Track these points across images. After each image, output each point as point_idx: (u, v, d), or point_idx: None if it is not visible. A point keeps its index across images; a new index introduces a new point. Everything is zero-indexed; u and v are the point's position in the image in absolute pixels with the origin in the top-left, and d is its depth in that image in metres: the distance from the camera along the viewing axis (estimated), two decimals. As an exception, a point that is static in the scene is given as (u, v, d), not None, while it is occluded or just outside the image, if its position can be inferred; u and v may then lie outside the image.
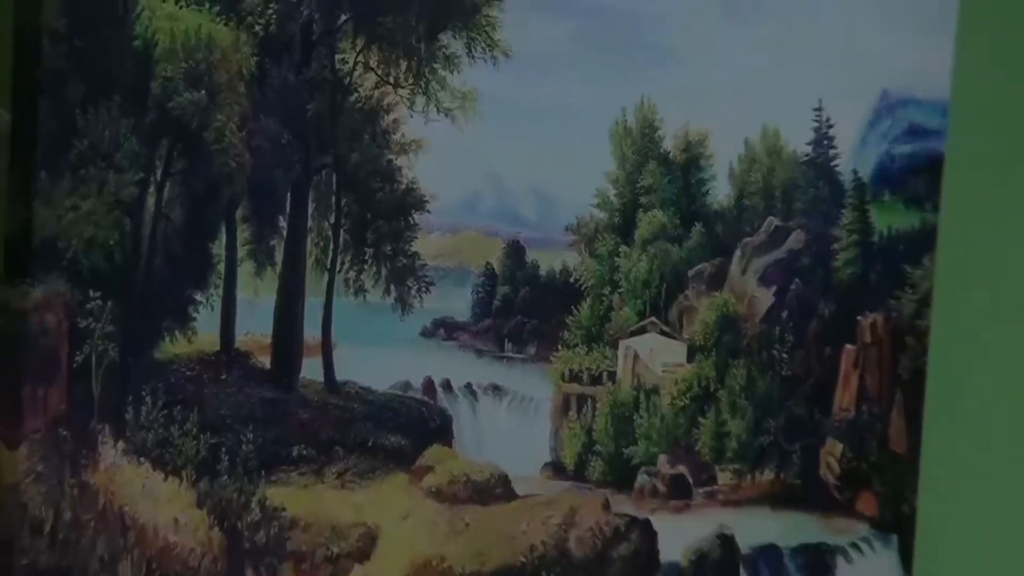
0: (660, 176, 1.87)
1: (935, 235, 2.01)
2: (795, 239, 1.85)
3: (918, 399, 1.86)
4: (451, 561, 1.89)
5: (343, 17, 1.82)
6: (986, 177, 2.46)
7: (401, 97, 1.80)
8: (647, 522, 1.84)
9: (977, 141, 2.46)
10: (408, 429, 1.81)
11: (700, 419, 1.87)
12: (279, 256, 1.74)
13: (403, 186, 1.78)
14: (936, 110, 2.00)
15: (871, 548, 1.92)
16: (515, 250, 1.86)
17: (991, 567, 2.52)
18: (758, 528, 2.00)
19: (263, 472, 1.79)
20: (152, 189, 1.70)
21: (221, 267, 1.70)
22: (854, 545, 1.97)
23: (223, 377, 1.77)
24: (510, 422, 1.89)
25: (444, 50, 1.78)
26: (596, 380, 1.73)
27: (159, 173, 1.72)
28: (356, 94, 1.76)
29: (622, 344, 1.76)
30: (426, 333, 1.81)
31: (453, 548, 1.89)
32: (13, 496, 1.81)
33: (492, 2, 1.81)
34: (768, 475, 1.97)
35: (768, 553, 2.00)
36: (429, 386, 1.75)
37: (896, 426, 1.89)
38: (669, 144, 1.93)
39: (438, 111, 1.77)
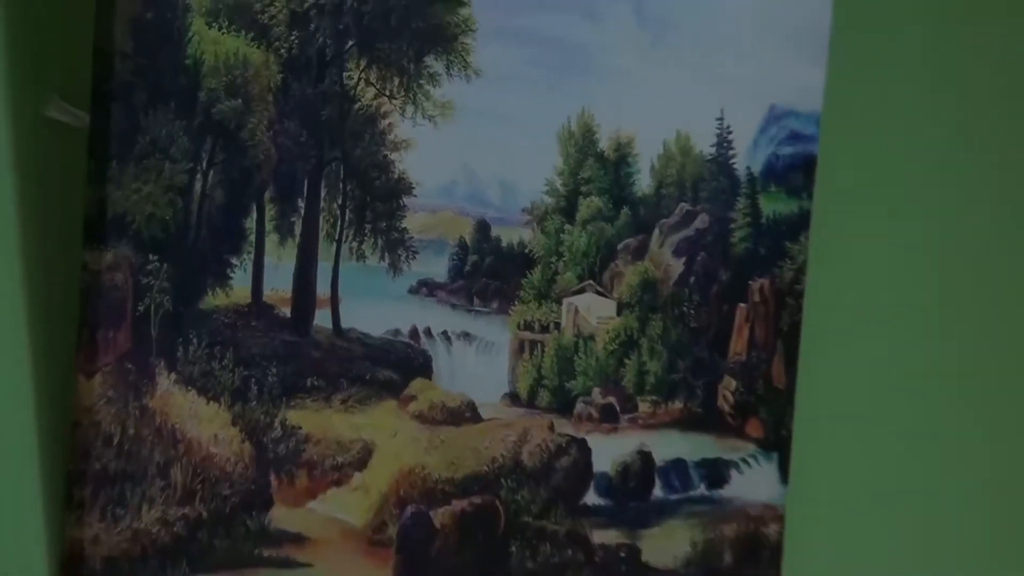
0: (596, 170, 1.91)
1: (809, 218, 2.02)
2: (701, 220, 1.97)
3: (795, 346, 1.97)
4: (430, 469, 1.88)
5: (350, 43, 1.84)
6: (849, 174, 2.19)
7: (394, 106, 1.76)
8: (583, 441, 1.88)
9: (843, 145, 2.28)
10: (397, 366, 1.79)
11: (625, 360, 1.90)
12: (298, 230, 1.74)
13: (395, 176, 1.77)
14: (811, 120, 1.97)
15: (756, 462, 1.98)
16: (482, 227, 1.83)
17: (849, 477, 2.17)
18: (669, 446, 1.95)
19: (283, 398, 1.76)
20: (199, 176, 1.71)
21: (252, 238, 1.71)
22: (743, 460, 1.97)
23: (253, 324, 1.76)
24: (477, 361, 1.86)
25: (428, 69, 1.77)
26: (545, 329, 1.83)
27: (204, 164, 1.73)
28: (359, 103, 1.75)
29: (565, 301, 1.85)
30: (412, 291, 1.79)
31: (431, 459, 1.87)
32: (89, 415, 1.82)
33: (467, 32, 1.82)
34: (678, 405, 1.94)
35: (677, 465, 1.95)
36: (414, 332, 1.79)
37: (777, 367, 1.98)
38: (604, 145, 1.89)
39: (423, 117, 1.76)
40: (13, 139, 1.66)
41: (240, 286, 1.65)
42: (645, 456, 1.85)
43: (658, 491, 1.89)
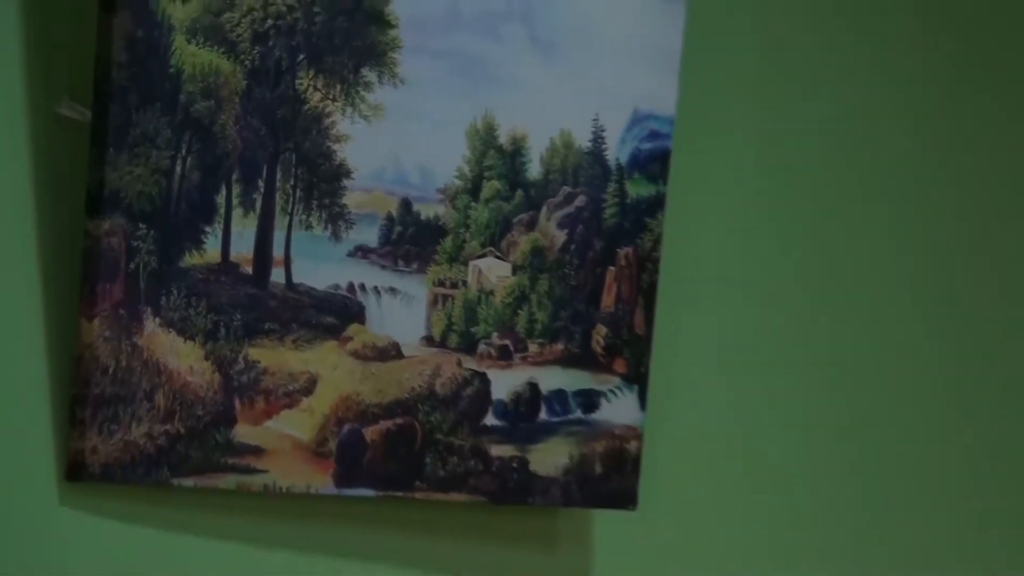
0: (496, 160, 1.94)
1: (664, 200, 2.09)
2: (579, 200, 2.03)
3: (652, 301, 2.05)
4: (362, 396, 1.88)
5: (301, 57, 1.79)
6: (696, 164, 2.24)
7: (336, 107, 1.83)
8: (484, 374, 1.94)
9: (691, 141, 2.21)
10: (337, 313, 1.87)
11: (518, 311, 1.97)
12: (258, 205, 1.80)
13: (336, 163, 1.83)
14: (667, 122, 2.03)
15: (621, 392, 2.04)
16: (405, 204, 1.89)
17: (694, 404, 2.28)
18: (552, 379, 2.02)
19: (246, 339, 1.80)
20: (179, 161, 1.75)
21: (221, 211, 1.78)
22: (611, 391, 2.04)
23: (222, 279, 1.79)
24: (401, 310, 1.91)
25: (364, 79, 1.84)
26: (454, 285, 1.91)
27: (183, 152, 1.75)
28: (308, 105, 1.81)
29: (471, 263, 1.93)
30: (350, 254, 1.86)
31: (363, 388, 1.88)
32: (90, 351, 1.72)
33: (395, 49, 1.84)
34: (559, 346, 2.00)
35: (558, 394, 2.03)
36: (351, 287, 1.86)
37: (638, 317, 2.04)
38: (503, 139, 1.95)
39: (359, 116, 1.83)
40: (30, 130, 1.71)
41: (212, 249, 1.73)
42: (533, 387, 1.95)
43: (543, 415, 1.97)
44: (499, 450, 1.92)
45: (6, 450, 1.68)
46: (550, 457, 1.96)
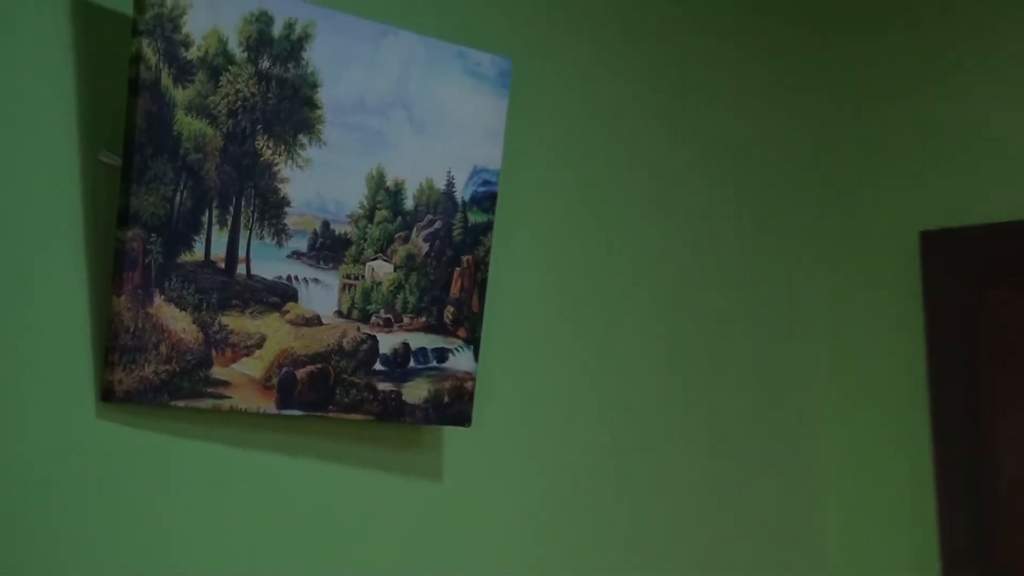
0: (384, 196, 2.13)
1: (492, 224, 2.28)
2: (437, 224, 2.21)
3: (484, 290, 2.25)
4: (295, 349, 2.07)
5: (259, 126, 2.00)
6: (512, 201, 2.39)
7: (281, 160, 2.03)
8: (374, 337, 2.16)
9: (510, 187, 2.36)
10: (280, 295, 2.07)
11: (397, 295, 2.15)
12: (229, 223, 2.00)
13: (280, 196, 2.04)
14: (495, 173, 2.28)
15: (462, 350, 2.24)
16: (325, 224, 2.07)
17: (510, 359, 2.41)
18: (418, 340, 2.22)
19: (219, 310, 2.00)
20: (179, 193, 1.94)
21: (206, 226, 1.98)
22: (456, 349, 2.25)
23: (204, 270, 1.98)
24: (321, 293, 2.09)
25: (299, 141, 2.06)
26: (356, 278, 2.10)
27: (181, 186, 1.95)
28: (263, 158, 2.02)
29: (367, 264, 2.11)
30: (288, 256, 2.04)
31: (296, 344, 2.08)
32: (118, 317, 1.90)
33: (321, 123, 2.07)
34: (423, 319, 2.20)
35: (422, 350, 2.22)
36: (289, 278, 2.05)
37: (474, 301, 2.24)
38: (389, 183, 2.16)
39: (296, 167, 2.05)
40: (82, 170, 1.92)
41: (198, 251, 1.95)
42: (405, 346, 2.17)
43: (412, 363, 2.19)
44: (383, 386, 2.14)
45: (63, 382, 1.86)
46: (416, 391, 2.19)
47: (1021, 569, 3.02)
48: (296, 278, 2.04)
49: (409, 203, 2.17)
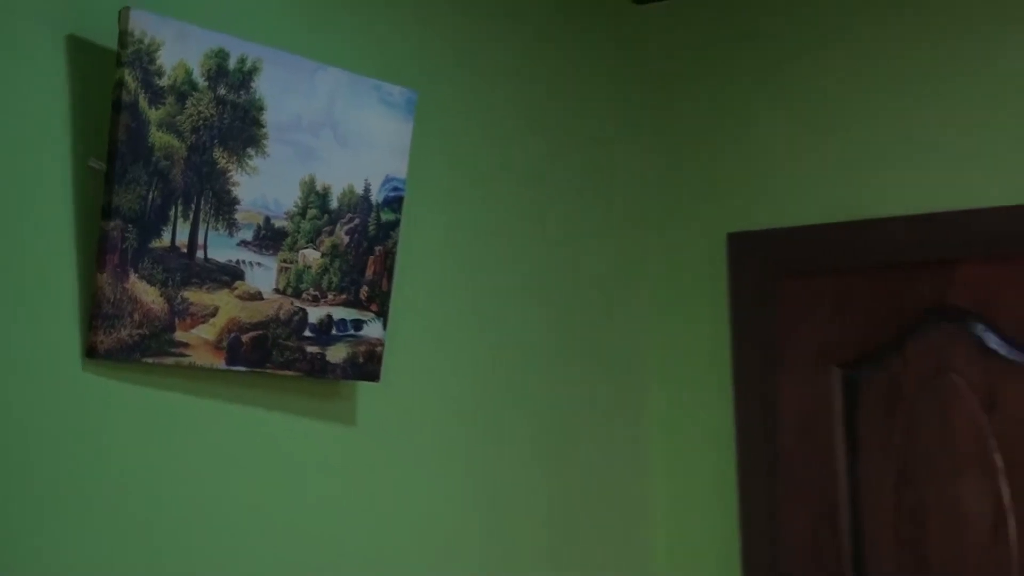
0: (315, 199, 2.16)
1: (400, 222, 2.31)
2: (356, 221, 2.24)
3: (392, 273, 2.27)
4: (241, 318, 2.07)
5: (216, 140, 2.02)
6: (416, 203, 2.44)
7: (233, 168, 2.06)
8: (304, 310, 2.16)
9: (416, 192, 2.41)
10: (230, 275, 2.08)
11: (323, 276, 2.18)
12: (191, 216, 2.01)
13: (232, 196, 2.06)
14: (403, 182, 2.30)
15: (374, 321, 2.26)
16: (267, 220, 2.08)
17: (412, 330, 2.46)
18: (340, 313, 2.25)
19: (181, 286, 1.99)
20: (151, 192, 1.96)
21: (172, 219, 1.99)
22: (369, 320, 2.26)
23: (170, 254, 1.98)
24: (263, 274, 2.12)
25: (248, 153, 2.08)
26: (291, 262, 2.13)
27: (153, 187, 1.96)
28: (219, 166, 2.04)
29: (300, 252, 2.14)
30: (238, 244, 2.07)
31: (242, 314, 2.08)
32: (101, 290, 1.90)
33: (265, 139, 2.11)
34: (344, 296, 2.24)
35: (342, 321, 2.25)
36: (238, 262, 2.08)
37: (384, 282, 2.27)
38: (319, 187, 2.18)
39: (245, 173, 2.07)
40: (74, 173, 1.94)
41: (166, 238, 1.97)
42: (329, 317, 2.21)
43: (334, 331, 2.24)
44: (311, 349, 2.20)
45: (56, 341, 1.89)
46: (337, 353, 2.25)
47: (803, 539, 3.00)
48: (243, 262, 2.09)
49: (334, 204, 2.20)
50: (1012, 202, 2.76)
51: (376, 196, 2.24)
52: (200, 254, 2.00)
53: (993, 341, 2.80)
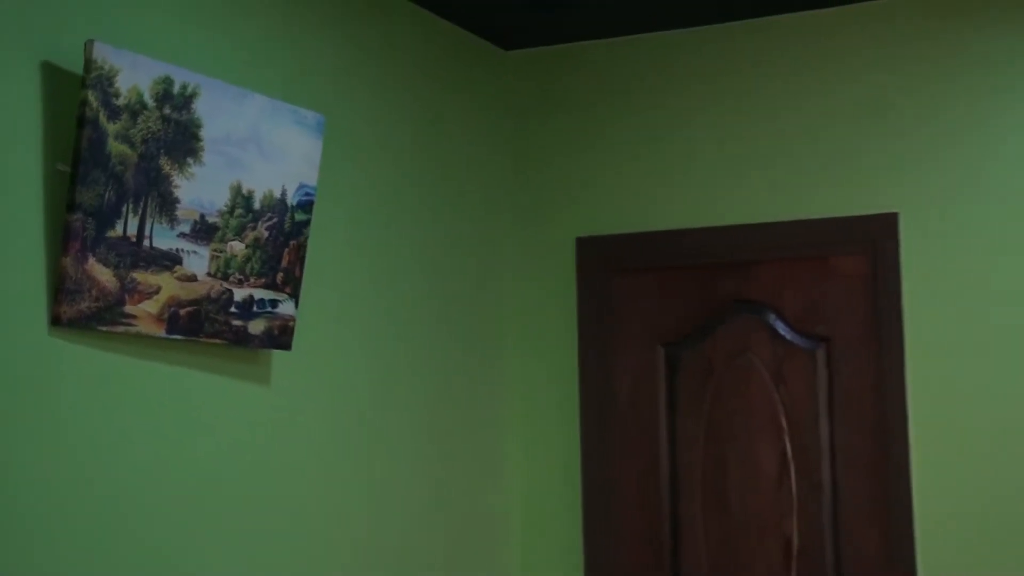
0: (241, 200, 2.19)
1: (310, 222, 2.31)
2: (275, 220, 2.24)
3: (303, 264, 2.30)
4: (180, 296, 2.08)
5: (162, 150, 2.03)
6: (325, 206, 2.44)
7: (176, 173, 2.07)
8: (231, 290, 2.18)
9: (323, 198, 2.41)
10: (171, 260, 2.09)
11: (246, 264, 2.20)
12: (140, 212, 2.02)
13: (174, 197, 2.08)
14: (313, 188, 2.32)
15: (287, 301, 2.29)
16: (203, 216, 2.11)
17: (319, 307, 2.44)
18: (260, 294, 2.23)
19: (131, 268, 1.98)
20: (107, 191, 1.97)
21: (124, 213, 2.01)
22: (283, 300, 2.28)
23: (122, 241, 1.99)
24: (198, 261, 2.13)
25: (188, 162, 2.09)
26: (221, 252, 2.15)
27: (110, 188, 1.97)
28: (163, 171, 2.04)
29: (228, 243, 2.16)
30: (178, 236, 2.08)
31: (181, 292, 2.08)
32: (65, 270, 1.89)
33: (202, 151, 2.12)
34: (263, 280, 2.25)
35: (261, 300, 2.22)
36: (178, 250, 2.09)
37: (297, 270, 2.29)
38: (245, 191, 2.19)
39: (184, 178, 2.09)
40: (45, 175, 1.95)
41: (119, 229, 1.99)
42: (251, 297, 2.24)
43: (255, 309, 2.27)
44: (235, 322, 2.22)
45: (26, 311, 1.91)
46: (256, 326, 2.27)
47: (631, 484, 3.06)
48: (182, 250, 2.10)
49: (257, 205, 2.22)
50: (794, 218, 2.94)
51: (291, 199, 2.28)
52: (147, 243, 2.02)
53: (781, 328, 2.95)
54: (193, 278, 2.13)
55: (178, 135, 2.07)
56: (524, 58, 3.24)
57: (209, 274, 2.15)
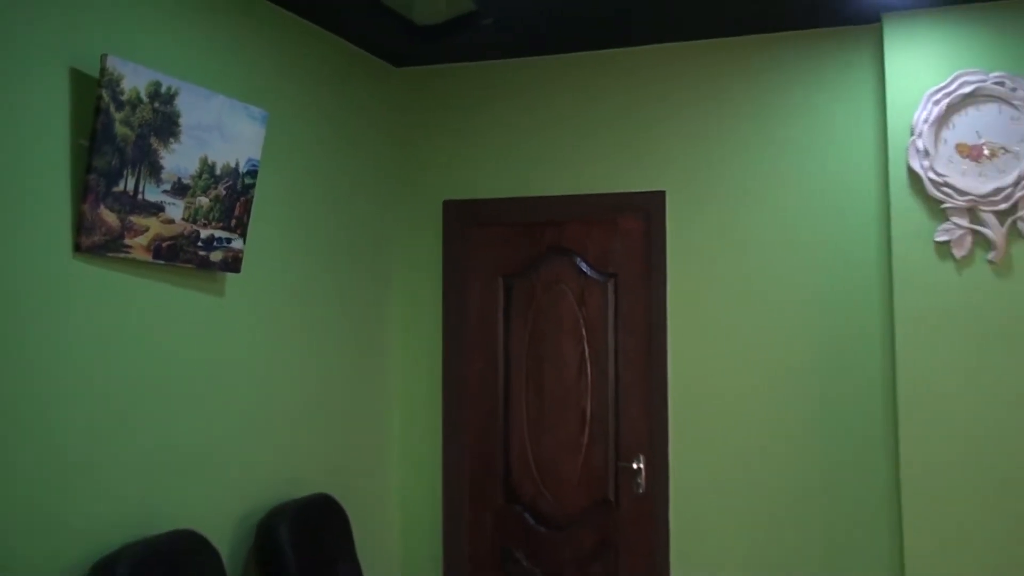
0: (206, 168, 2.17)
1: (256, 184, 2.27)
2: (230, 182, 2.20)
3: (250, 213, 2.30)
4: (163, 233, 2.06)
5: (152, 132, 2.03)
6: (267, 174, 2.48)
7: (161, 147, 2.07)
8: (198, 231, 2.13)
9: (265, 168, 2.45)
10: (156, 209, 2.07)
11: (210, 213, 2.16)
12: (137, 174, 2.04)
13: (160, 164, 2.09)
14: (258, 161, 2.31)
15: (238, 240, 2.25)
16: (180, 179, 2.11)
17: (260, 243, 2.46)
18: (219, 233, 2.22)
19: (130, 214, 1.99)
20: (113, 159, 1.98)
21: (126, 176, 2.03)
22: (235, 238, 2.26)
23: (123, 195, 2.01)
24: (175, 210, 2.09)
25: (170, 141, 2.10)
26: (192, 204, 2.14)
27: (118, 156, 1.98)
28: (153, 147, 2.05)
29: (196, 198, 2.14)
30: (163, 192, 2.08)
31: (163, 231, 2.05)
32: (83, 213, 1.89)
33: (179, 132, 2.09)
34: (220, 224, 2.21)
35: (220, 237, 2.23)
36: (161, 203, 2.08)
37: (246, 217, 2.29)
38: (210, 162, 2.08)
39: (168, 152, 2.10)
40: (71, 148, 2.00)
41: (122, 186, 2.05)
42: (212, 235, 2.24)
43: (214, 244, 2.22)
44: (201, 253, 2.26)
45: (56, 241, 1.96)
46: (216, 256, 2.29)
47: (476, 376, 3.10)
48: (164, 202, 2.16)
49: (218, 172, 2.27)
50: (594, 192, 3.03)
51: (242, 168, 2.34)
52: (140, 196, 2.09)
53: (583, 267, 3.07)
54: (172, 221, 2.18)
55: (163, 122, 2.11)
56: (409, 73, 3.25)
57: (183, 219, 2.20)
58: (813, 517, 2.72)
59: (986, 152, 2.45)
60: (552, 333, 3.08)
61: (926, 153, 2.53)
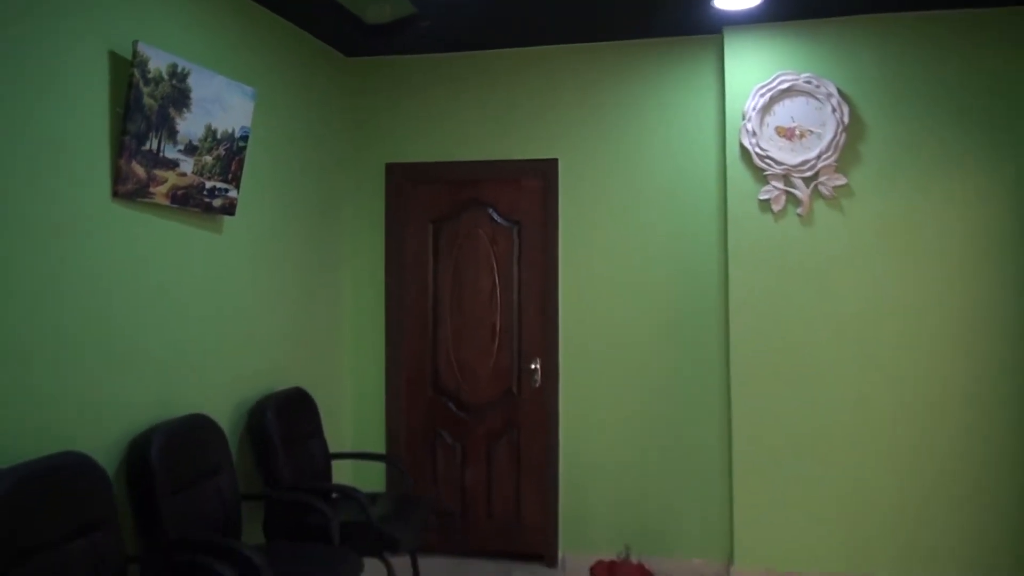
0: (210, 134, 2.18)
1: (247, 146, 2.34)
2: (229, 145, 2.27)
3: (243, 171, 2.36)
4: (176, 184, 2.12)
5: (170, 104, 2.09)
6: (255, 140, 2.59)
7: (179, 117, 2.15)
8: (204, 182, 2.20)
9: (254, 134, 2.57)
10: (175, 164, 2.15)
11: (213, 168, 2.18)
12: (159, 137, 2.12)
13: (177, 129, 2.18)
14: (249, 128, 2.31)
15: (233, 190, 2.25)
16: (191, 141, 2.17)
17: (249, 198, 2.58)
18: (219, 185, 2.30)
19: (153, 167, 2.03)
20: (141, 124, 2.03)
21: (152, 137, 2.12)
22: (232, 188, 2.26)
23: (150, 153, 2.06)
24: (188, 166, 2.13)
25: (184, 110, 2.18)
26: (200, 162, 2.18)
27: (144, 123, 2.03)
28: (171, 115, 2.11)
29: (203, 156, 2.17)
30: (178, 152, 2.12)
31: (179, 182, 2.13)
32: (119, 167, 1.93)
33: (191, 103, 2.19)
34: (220, 177, 2.21)
35: (219, 188, 2.28)
36: (177, 160, 2.12)
37: (242, 173, 2.31)
38: (213, 128, 2.12)
39: (182, 120, 2.18)
40: (110, 115, 2.09)
41: (150, 146, 2.17)
42: (215, 186, 2.33)
43: (216, 193, 2.33)
44: (206, 200, 2.35)
45: (99, 189, 2.08)
46: (217, 201, 2.43)
47: (412, 302, 3.23)
48: (179, 160, 2.30)
49: (219, 136, 2.43)
50: (503, 158, 3.22)
51: (237, 134, 2.50)
52: (162, 154, 2.23)
53: (496, 216, 3.30)
54: (185, 175, 2.33)
55: (179, 96, 2.26)
56: (360, 62, 3.36)
57: (193, 173, 2.35)
58: (663, 400, 3.07)
59: (797, 133, 2.75)
60: (470, 266, 3.27)
61: (753, 133, 2.82)
